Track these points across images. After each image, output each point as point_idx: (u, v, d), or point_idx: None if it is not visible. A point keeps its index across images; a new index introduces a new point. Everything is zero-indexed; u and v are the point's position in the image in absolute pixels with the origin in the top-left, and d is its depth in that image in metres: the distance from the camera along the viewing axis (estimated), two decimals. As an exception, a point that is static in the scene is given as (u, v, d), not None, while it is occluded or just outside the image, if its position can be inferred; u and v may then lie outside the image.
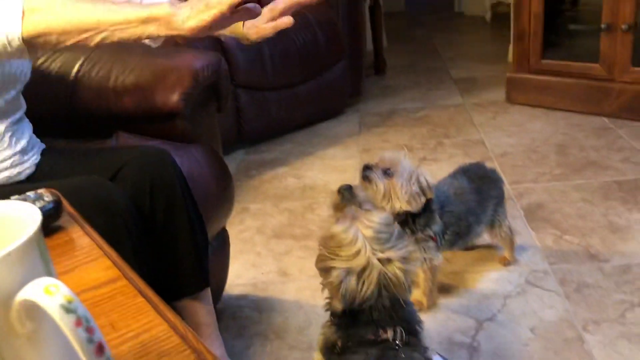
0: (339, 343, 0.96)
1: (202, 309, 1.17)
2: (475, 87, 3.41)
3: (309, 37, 2.81)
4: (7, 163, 1.06)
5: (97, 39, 0.80)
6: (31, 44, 0.80)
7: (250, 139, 2.80)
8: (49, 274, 0.39)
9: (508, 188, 2.10)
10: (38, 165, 1.13)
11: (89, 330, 0.35)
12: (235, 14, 0.78)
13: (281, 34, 0.94)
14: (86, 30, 0.79)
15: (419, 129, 2.85)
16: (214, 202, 1.34)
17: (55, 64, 1.46)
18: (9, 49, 0.80)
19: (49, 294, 0.34)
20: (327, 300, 0.99)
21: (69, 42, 0.80)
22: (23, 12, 0.78)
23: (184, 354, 0.47)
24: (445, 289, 1.60)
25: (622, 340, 1.35)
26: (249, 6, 0.79)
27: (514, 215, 1.91)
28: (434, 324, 1.48)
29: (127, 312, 0.54)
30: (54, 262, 0.43)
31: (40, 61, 1.45)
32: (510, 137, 2.61)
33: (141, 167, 1.07)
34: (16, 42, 0.79)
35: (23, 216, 0.41)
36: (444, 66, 3.95)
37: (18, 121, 1.12)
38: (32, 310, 0.35)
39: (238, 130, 2.68)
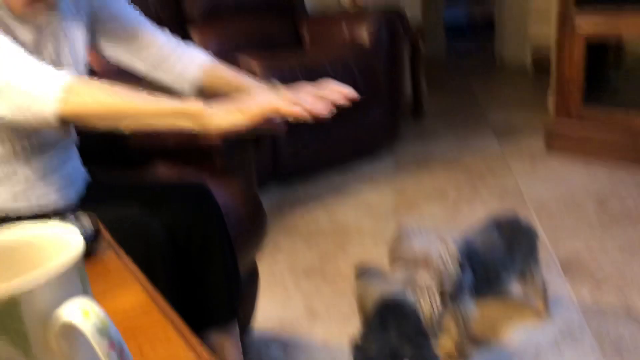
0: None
1: (229, 343, 1.17)
2: (514, 135, 3.38)
3: (347, 79, 2.85)
4: (55, 187, 1.09)
5: (130, 124, 0.86)
6: (66, 122, 0.87)
7: (284, 175, 2.82)
8: (87, 295, 0.40)
9: (544, 239, 2.06)
10: (83, 200, 1.16)
11: (121, 354, 0.36)
12: (262, 123, 0.86)
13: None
14: (121, 116, 0.86)
15: (454, 173, 2.83)
16: (246, 235, 1.35)
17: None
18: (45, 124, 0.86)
19: (85, 315, 0.35)
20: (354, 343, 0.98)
21: (101, 125, 0.87)
22: (65, 91, 0.84)
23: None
24: (476, 341, 1.56)
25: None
26: (277, 121, 0.87)
27: (550, 267, 1.87)
28: (463, 374, 1.44)
29: (155, 339, 0.54)
30: (91, 285, 0.44)
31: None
32: (548, 187, 2.57)
33: (181, 201, 1.09)
34: (52, 119, 0.85)
35: (64, 238, 0.42)
36: (482, 112, 3.94)
37: (66, 147, 1.16)
38: (68, 330, 0.36)
39: (273, 166, 2.72)
